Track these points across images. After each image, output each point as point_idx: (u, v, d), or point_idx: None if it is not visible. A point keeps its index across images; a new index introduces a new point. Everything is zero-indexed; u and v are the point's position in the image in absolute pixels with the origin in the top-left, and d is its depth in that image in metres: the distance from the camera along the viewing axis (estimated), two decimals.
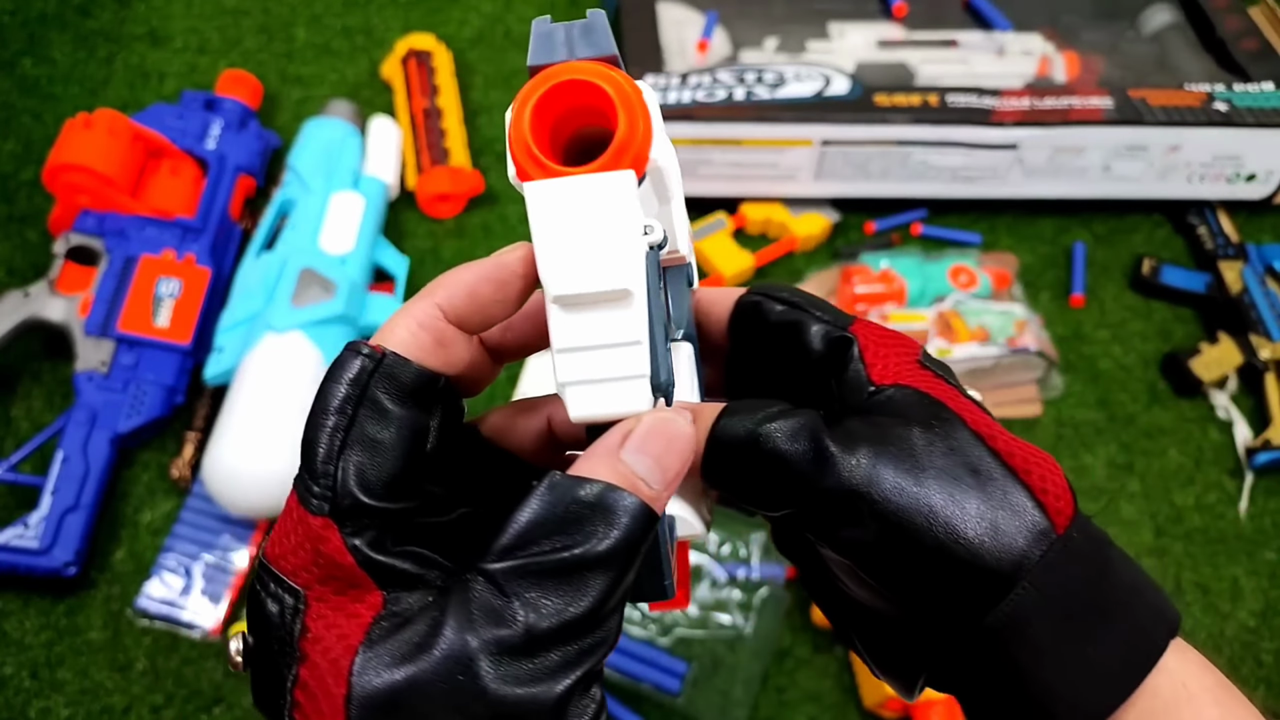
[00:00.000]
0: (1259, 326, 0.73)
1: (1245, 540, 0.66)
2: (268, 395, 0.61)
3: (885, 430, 0.23)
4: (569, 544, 0.20)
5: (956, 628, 0.23)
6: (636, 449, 0.21)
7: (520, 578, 0.20)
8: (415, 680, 0.19)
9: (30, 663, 0.58)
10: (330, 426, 0.21)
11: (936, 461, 0.23)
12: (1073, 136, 0.74)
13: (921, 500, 0.22)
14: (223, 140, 0.74)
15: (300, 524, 0.21)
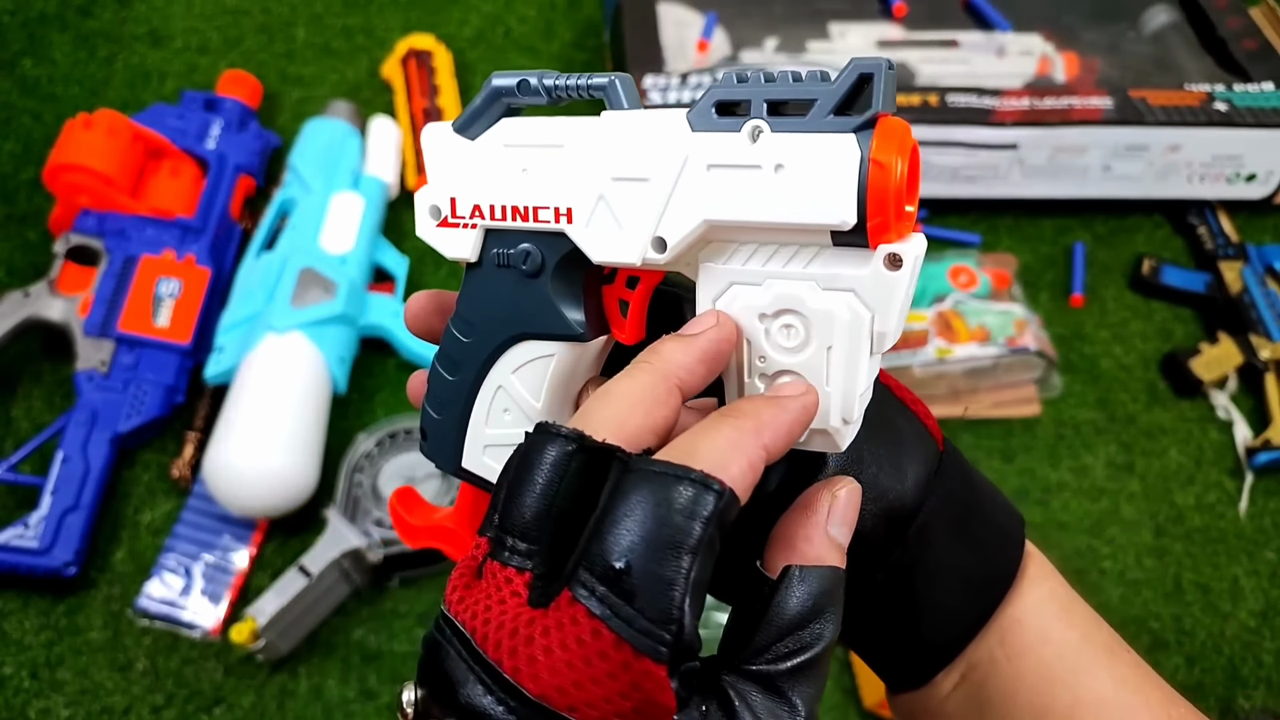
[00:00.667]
0: (1259, 326, 0.73)
1: (1245, 540, 0.66)
2: (268, 395, 0.61)
3: None
4: (819, 634, 0.21)
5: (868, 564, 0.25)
6: (839, 521, 0.23)
7: (792, 676, 0.21)
8: None
9: (30, 663, 0.58)
10: (686, 569, 0.19)
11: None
12: (1073, 136, 0.74)
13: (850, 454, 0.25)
14: (223, 140, 0.74)
15: (626, 670, 0.18)
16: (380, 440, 0.61)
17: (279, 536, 0.63)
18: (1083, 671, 0.25)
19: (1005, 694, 0.26)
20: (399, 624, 0.60)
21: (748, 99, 0.22)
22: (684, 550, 0.19)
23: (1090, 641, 0.26)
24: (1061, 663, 0.25)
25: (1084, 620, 0.27)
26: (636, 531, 0.19)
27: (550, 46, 0.89)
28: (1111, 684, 0.25)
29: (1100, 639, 0.26)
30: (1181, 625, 0.63)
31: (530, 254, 0.25)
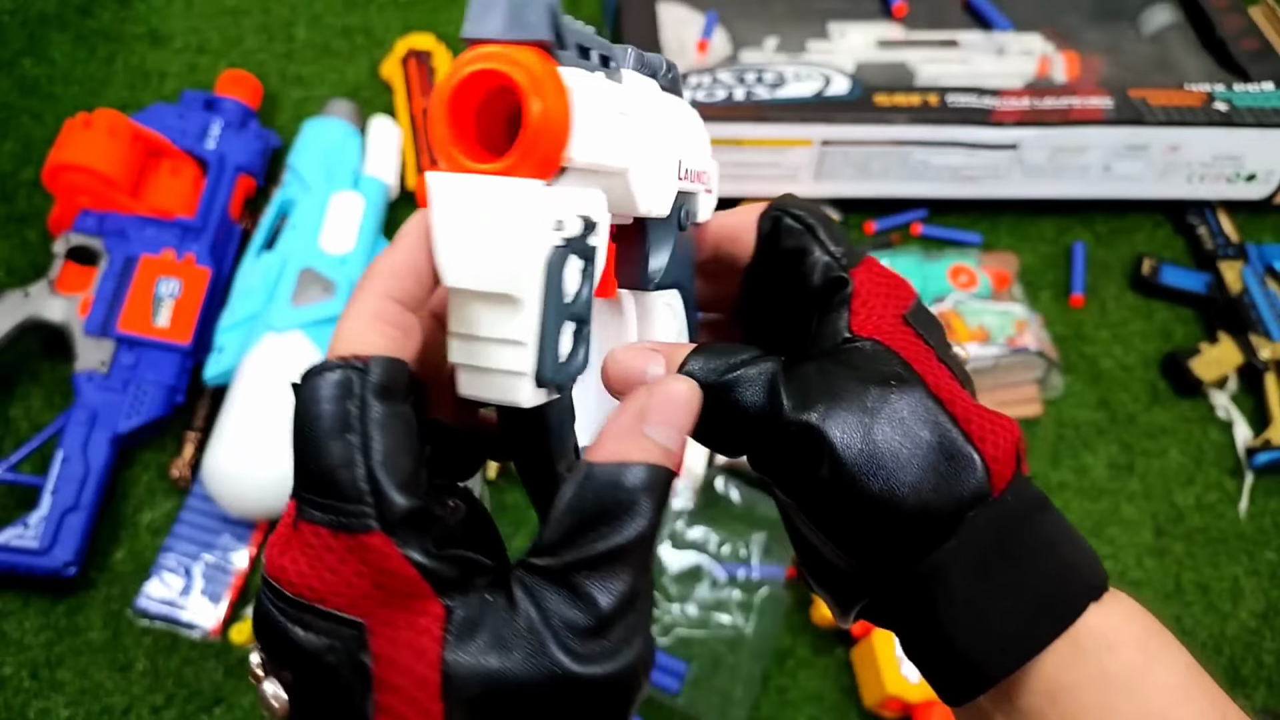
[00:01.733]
0: (1259, 326, 0.73)
1: (1246, 540, 0.66)
2: (268, 395, 0.61)
3: (838, 384, 0.24)
4: (617, 528, 0.21)
5: (889, 573, 0.24)
6: (657, 422, 0.22)
7: (579, 570, 0.21)
8: (505, 678, 0.20)
9: (30, 663, 0.58)
10: (357, 444, 0.20)
11: (886, 420, 0.24)
12: (1073, 136, 0.74)
13: (866, 455, 0.23)
14: (223, 140, 0.74)
15: (353, 550, 0.20)
16: None
17: None
18: (1176, 701, 0.23)
19: (1089, 708, 0.23)
20: None
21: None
22: (336, 434, 0.20)
23: (1184, 669, 0.24)
24: (1153, 685, 0.23)
25: (1175, 648, 0.24)
26: (309, 433, 0.20)
27: None
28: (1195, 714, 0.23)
29: (1194, 671, 0.24)
30: (1182, 625, 0.63)
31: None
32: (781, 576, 0.60)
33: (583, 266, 0.22)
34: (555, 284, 0.21)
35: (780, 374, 0.24)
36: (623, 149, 0.22)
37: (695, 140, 0.26)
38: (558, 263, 0.21)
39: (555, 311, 0.21)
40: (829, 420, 0.23)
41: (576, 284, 0.22)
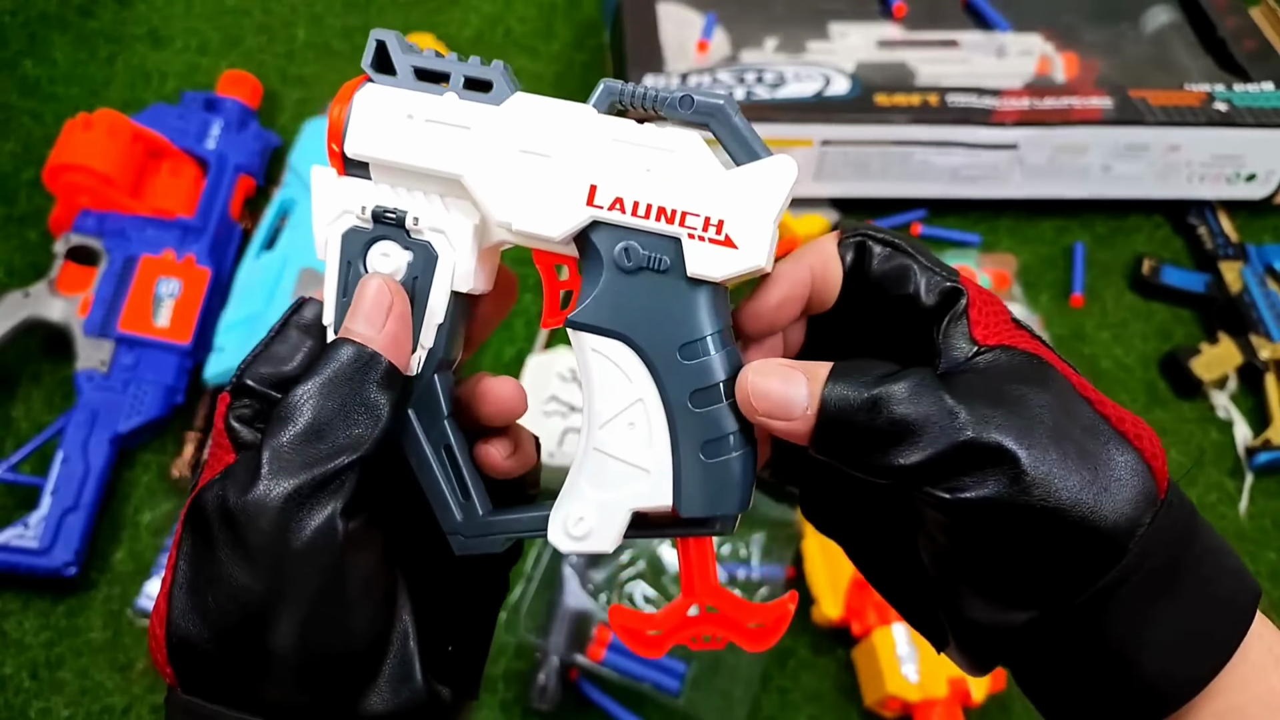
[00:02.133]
0: (1259, 326, 0.73)
1: (1246, 540, 0.66)
2: None
3: (1002, 390, 0.23)
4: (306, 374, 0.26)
5: (1052, 598, 0.22)
6: (352, 317, 0.26)
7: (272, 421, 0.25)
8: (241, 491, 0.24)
9: (30, 663, 0.58)
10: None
11: (1057, 425, 0.23)
12: (1073, 136, 0.74)
13: (1049, 461, 0.22)
14: (223, 140, 0.74)
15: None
16: None
17: None
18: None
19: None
20: None
21: None
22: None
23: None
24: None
25: None
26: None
27: (550, 47, 0.89)
28: None
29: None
30: None
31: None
32: (781, 576, 0.60)
33: (387, 249, 0.26)
34: (347, 257, 0.26)
35: (937, 380, 0.23)
36: (437, 154, 0.25)
37: (657, 175, 0.24)
38: (351, 241, 0.26)
39: (343, 278, 0.26)
40: (1010, 431, 0.22)
41: (388, 264, 0.26)
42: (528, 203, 0.25)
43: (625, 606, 0.26)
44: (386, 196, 0.26)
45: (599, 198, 0.24)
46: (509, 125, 0.25)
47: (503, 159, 0.25)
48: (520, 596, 0.58)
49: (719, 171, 0.24)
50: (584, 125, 0.25)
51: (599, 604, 0.58)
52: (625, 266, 0.24)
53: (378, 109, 0.26)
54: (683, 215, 0.24)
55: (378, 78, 0.26)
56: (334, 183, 0.26)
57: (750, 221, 0.24)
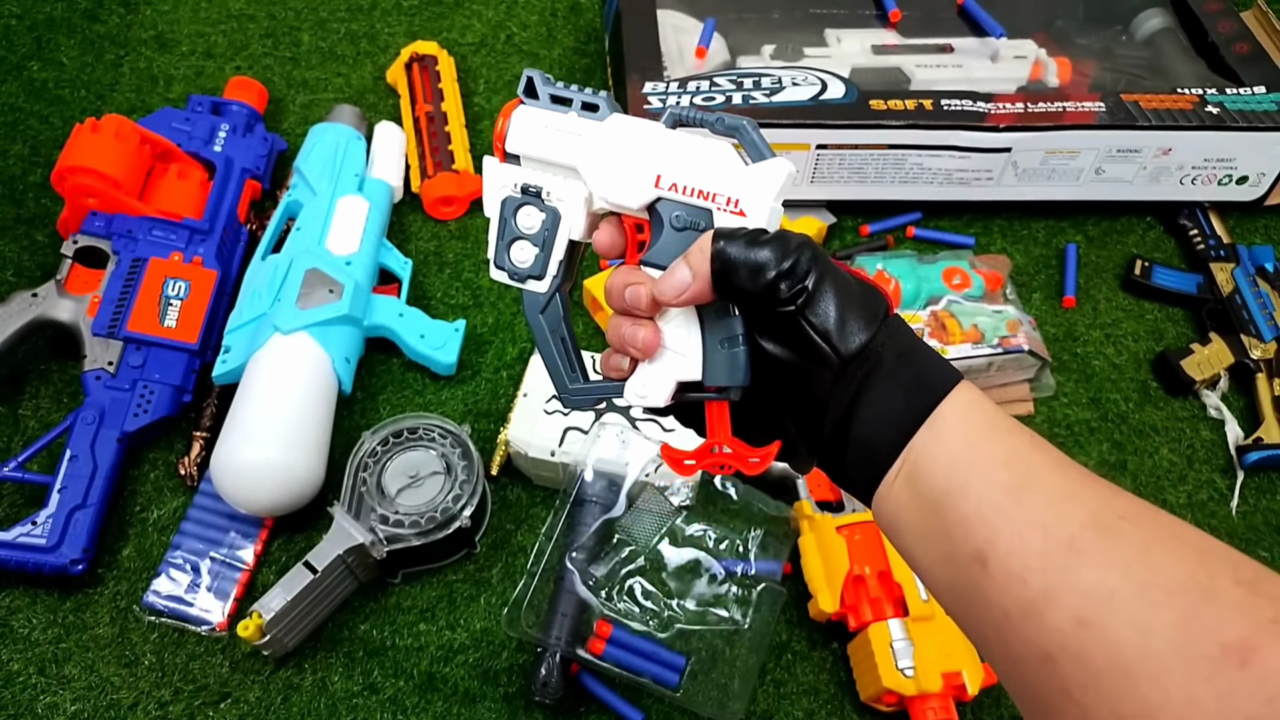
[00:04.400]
0: (1250, 327, 0.74)
1: (1237, 538, 0.67)
2: (275, 394, 0.62)
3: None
4: None
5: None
6: None
7: None
8: None
9: (38, 658, 0.59)
10: None
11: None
12: (1065, 139, 0.75)
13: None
14: (229, 144, 0.75)
15: None
16: (384, 439, 0.62)
17: (285, 534, 0.64)
18: (985, 439, 0.31)
19: (928, 464, 0.31)
20: (402, 619, 0.61)
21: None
22: None
23: (996, 424, 0.32)
24: (970, 435, 0.31)
25: (995, 411, 0.32)
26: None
27: (551, 52, 0.90)
28: (1006, 447, 0.31)
29: (1006, 424, 0.32)
30: None
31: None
32: (779, 572, 0.61)
33: (530, 211, 0.38)
34: (505, 215, 0.38)
35: None
36: (562, 151, 0.37)
37: (699, 168, 0.35)
38: (508, 204, 0.38)
39: (502, 228, 0.39)
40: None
41: (530, 220, 0.38)
42: (618, 184, 0.36)
43: (671, 445, 0.37)
44: (531, 176, 0.38)
45: (662, 182, 0.36)
46: (608, 134, 0.37)
47: (602, 155, 0.37)
48: (522, 592, 0.59)
49: (740, 167, 0.35)
50: (655, 134, 0.36)
51: (600, 599, 0.59)
52: (677, 226, 0.36)
53: (527, 122, 0.38)
54: (713, 195, 0.35)
55: (526, 100, 0.38)
56: (498, 166, 0.38)
57: (757, 199, 0.35)
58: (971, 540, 0.29)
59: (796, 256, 0.32)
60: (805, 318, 0.32)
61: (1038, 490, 0.30)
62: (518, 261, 0.38)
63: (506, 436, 0.64)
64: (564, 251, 0.38)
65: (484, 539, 0.64)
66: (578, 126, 0.37)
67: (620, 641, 0.58)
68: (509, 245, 0.38)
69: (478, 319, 0.74)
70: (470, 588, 0.62)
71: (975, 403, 0.32)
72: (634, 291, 0.35)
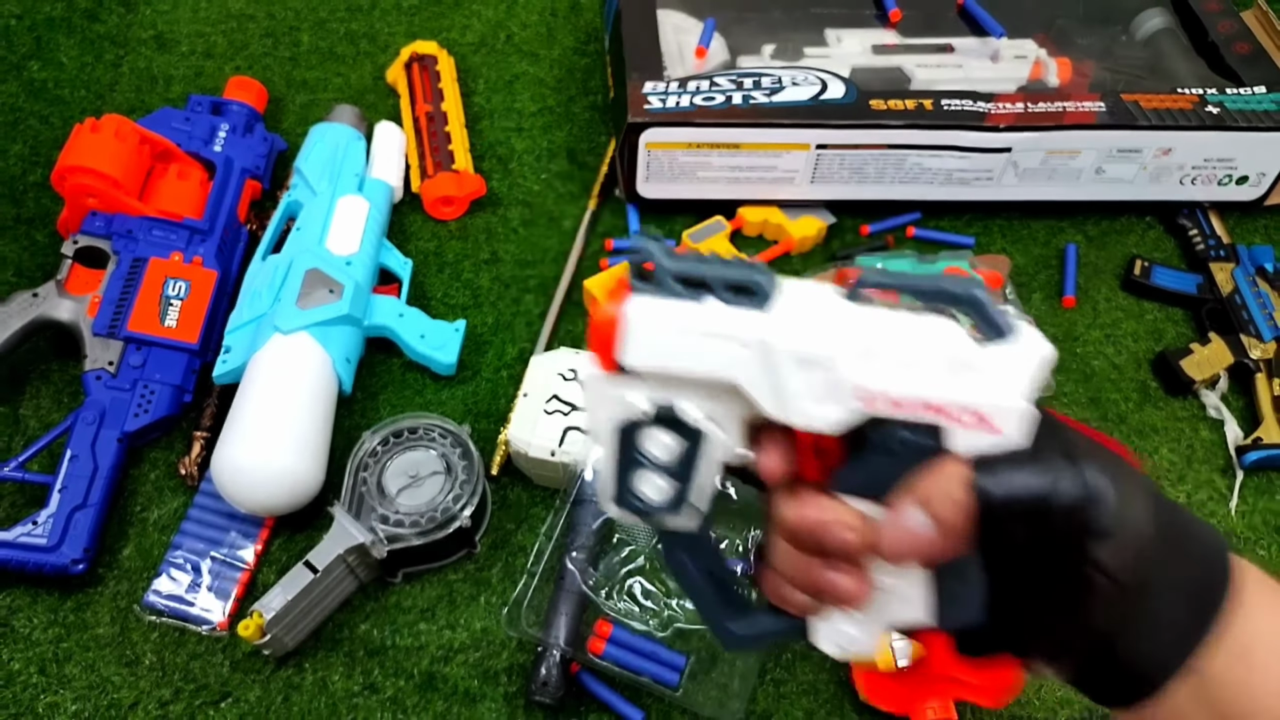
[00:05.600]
0: (1249, 327, 0.74)
1: (1237, 538, 0.67)
2: (275, 394, 0.62)
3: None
4: None
5: None
6: None
7: None
8: None
9: (38, 658, 0.59)
10: None
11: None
12: (1066, 140, 0.75)
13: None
14: (229, 144, 0.75)
15: None
16: (385, 439, 0.62)
17: (285, 533, 0.64)
18: None
19: (1238, 686, 0.26)
20: (403, 619, 0.61)
21: None
22: None
23: None
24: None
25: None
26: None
27: (551, 52, 0.90)
28: None
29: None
30: None
31: None
32: None
33: (661, 437, 0.28)
34: (623, 441, 0.29)
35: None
36: (712, 364, 0.27)
37: (919, 370, 0.25)
38: (627, 428, 0.28)
39: (622, 458, 0.29)
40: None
41: (660, 449, 0.28)
42: (802, 403, 0.26)
43: (869, 670, 0.31)
44: (659, 394, 0.28)
45: (869, 398, 0.26)
46: (778, 331, 0.26)
47: (776, 367, 0.26)
48: (522, 592, 0.59)
49: (975, 354, 0.25)
50: (842, 319, 0.26)
51: (600, 599, 0.59)
52: (893, 450, 0.26)
53: (650, 322, 0.27)
54: (943, 408, 0.25)
55: (640, 287, 0.27)
56: (607, 381, 0.28)
57: (1010, 409, 0.25)
58: None
59: (1089, 489, 0.24)
60: (1089, 556, 0.24)
61: None
62: (648, 496, 0.29)
63: (506, 436, 0.64)
64: (715, 483, 0.29)
65: (484, 539, 0.64)
66: (729, 324, 0.26)
67: (620, 641, 0.58)
68: (632, 477, 0.29)
69: (478, 319, 0.74)
70: (470, 587, 0.62)
71: (1275, 595, 0.27)
72: (839, 539, 0.26)
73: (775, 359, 0.26)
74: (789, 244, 0.78)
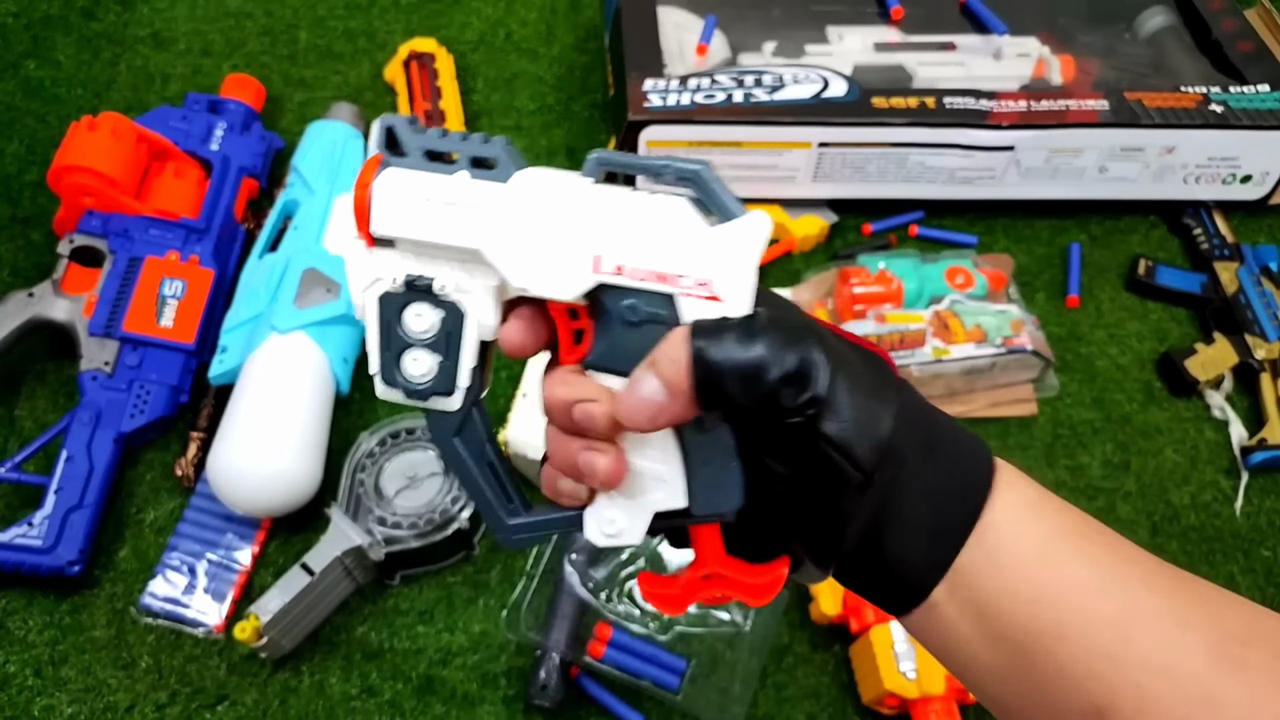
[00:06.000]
0: (1254, 326, 0.73)
1: (1241, 539, 0.67)
2: (272, 395, 0.62)
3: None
4: None
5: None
6: None
7: None
8: None
9: (34, 661, 0.58)
10: None
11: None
12: (1069, 138, 0.74)
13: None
14: (226, 142, 0.75)
15: None
16: (382, 439, 0.62)
17: (282, 535, 0.63)
18: (1059, 559, 0.27)
19: (994, 592, 0.27)
20: (400, 621, 0.61)
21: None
22: None
23: (1062, 530, 0.28)
24: (1038, 553, 0.27)
25: (1055, 510, 0.28)
26: None
27: (551, 50, 0.90)
28: (1089, 565, 0.27)
29: (1071, 525, 0.28)
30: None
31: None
32: None
33: (421, 310, 0.29)
34: (385, 318, 0.29)
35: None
36: (455, 231, 0.28)
37: (650, 241, 0.27)
38: (388, 303, 0.29)
39: (385, 335, 0.29)
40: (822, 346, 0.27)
41: (422, 323, 0.29)
42: (542, 270, 0.28)
43: (652, 573, 0.31)
44: (414, 265, 0.29)
45: (604, 265, 0.27)
46: (516, 201, 0.28)
47: (515, 233, 0.28)
48: (521, 594, 0.59)
49: (703, 231, 0.27)
50: (583, 197, 0.27)
51: (599, 601, 0.58)
52: (630, 320, 0.28)
53: (397, 192, 0.28)
54: (676, 277, 0.27)
55: (391, 159, 0.29)
56: (365, 254, 0.29)
57: (733, 275, 0.27)
58: (1085, 695, 0.26)
59: (801, 353, 0.25)
60: (820, 432, 0.26)
61: (1145, 620, 0.26)
62: (414, 376, 0.29)
63: (505, 437, 0.64)
64: (474, 356, 0.29)
65: (483, 541, 0.64)
66: (472, 194, 0.28)
67: (620, 644, 0.57)
68: (398, 357, 0.29)
69: None
70: (469, 590, 0.62)
71: (1028, 501, 0.28)
72: (585, 412, 0.27)
73: (514, 227, 0.27)
74: (790, 243, 0.78)
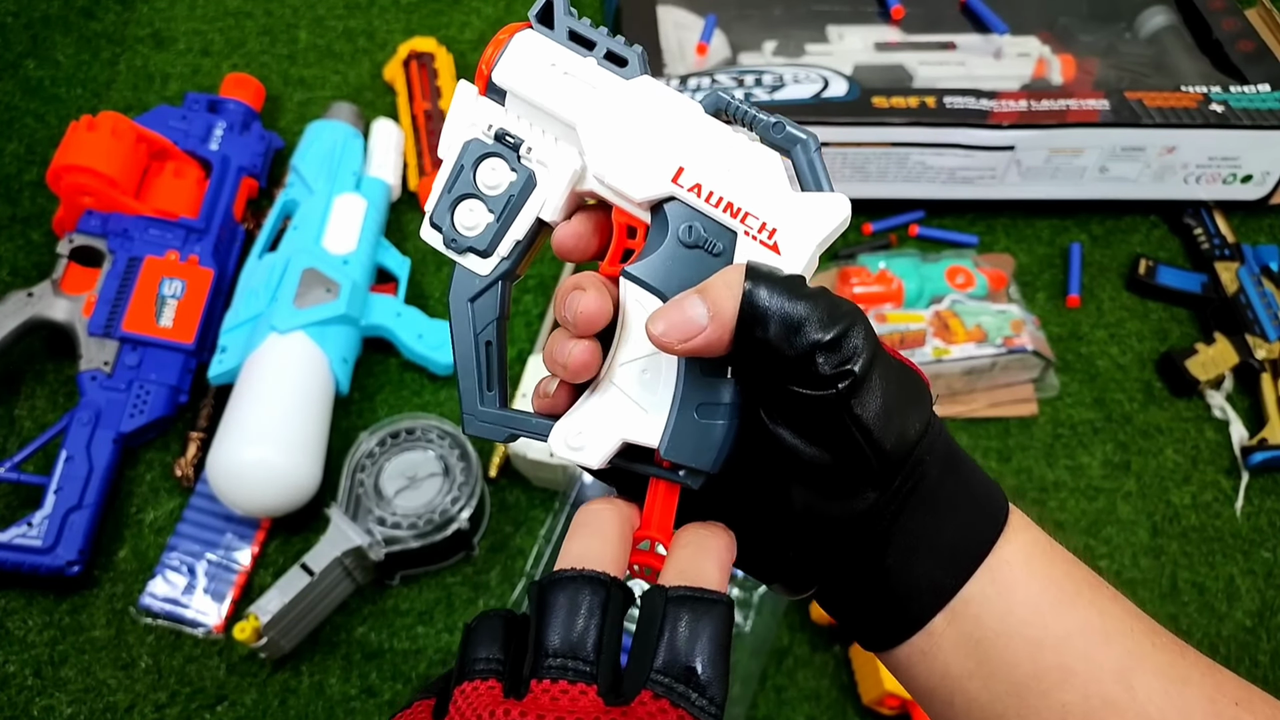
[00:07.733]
0: (1255, 327, 0.73)
1: (1241, 539, 0.67)
2: (271, 395, 0.61)
3: None
4: None
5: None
6: None
7: None
8: None
9: (34, 661, 0.58)
10: (730, 664, 0.25)
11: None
12: (1069, 138, 0.74)
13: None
14: (226, 142, 0.75)
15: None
16: (382, 440, 0.62)
17: (281, 535, 0.63)
18: (1068, 603, 0.27)
19: (998, 629, 0.27)
20: (400, 622, 0.61)
21: None
22: (729, 650, 0.24)
23: (1073, 576, 0.27)
24: (1048, 595, 0.27)
25: (1066, 559, 0.28)
26: (699, 640, 0.24)
27: None
28: (1097, 613, 0.27)
29: (1082, 574, 0.28)
30: (1178, 625, 0.63)
31: None
32: None
33: (498, 166, 0.29)
34: (463, 162, 0.29)
35: None
36: (565, 102, 0.28)
37: (736, 175, 0.27)
38: (470, 150, 0.29)
39: (455, 179, 0.30)
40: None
41: (495, 178, 0.29)
42: (624, 164, 0.28)
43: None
44: (512, 123, 0.29)
45: (683, 178, 0.27)
46: (630, 97, 0.28)
47: (615, 122, 0.28)
48: (521, 594, 0.59)
49: (787, 191, 0.27)
50: (689, 116, 0.28)
51: None
52: (686, 240, 0.27)
53: (530, 51, 0.29)
54: (745, 214, 0.27)
55: (538, 28, 0.29)
56: (473, 98, 0.30)
57: (799, 237, 0.27)
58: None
59: (847, 325, 0.25)
60: (848, 407, 0.25)
61: (1148, 672, 0.26)
62: (462, 227, 0.29)
63: None
64: (526, 230, 0.29)
65: (482, 541, 0.64)
66: (594, 76, 0.28)
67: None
68: (455, 203, 0.29)
69: None
70: (468, 590, 0.62)
71: (1041, 545, 0.28)
72: (575, 302, 0.27)
73: (615, 116, 0.28)
74: None
